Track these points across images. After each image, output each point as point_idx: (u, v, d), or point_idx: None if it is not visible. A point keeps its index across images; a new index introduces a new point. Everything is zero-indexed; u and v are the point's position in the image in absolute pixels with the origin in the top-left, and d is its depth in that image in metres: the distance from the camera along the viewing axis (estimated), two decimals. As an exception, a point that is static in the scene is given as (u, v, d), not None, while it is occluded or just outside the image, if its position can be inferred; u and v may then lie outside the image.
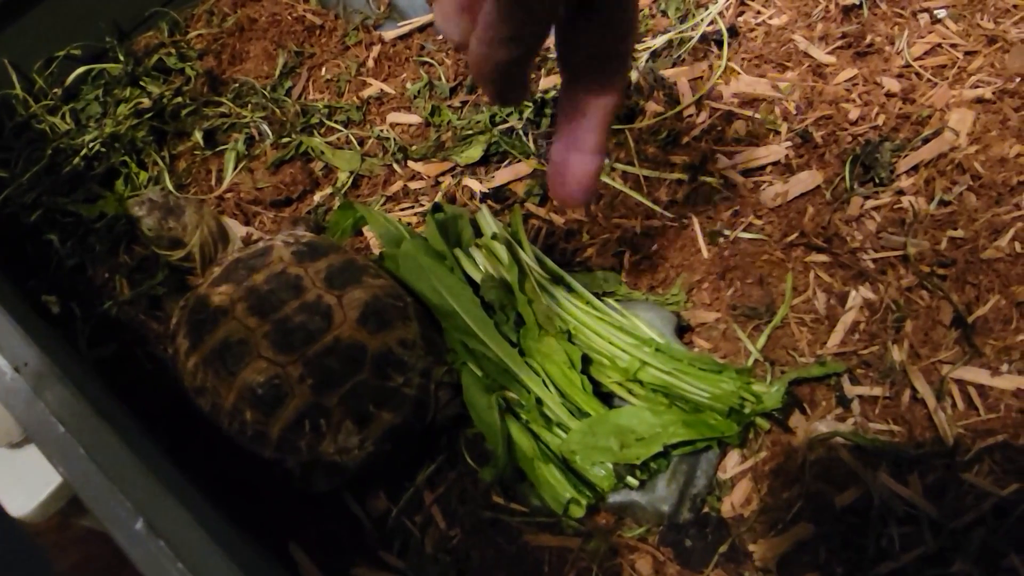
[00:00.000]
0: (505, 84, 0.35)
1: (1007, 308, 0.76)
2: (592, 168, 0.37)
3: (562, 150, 0.37)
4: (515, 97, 0.36)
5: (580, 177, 0.37)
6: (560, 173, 0.37)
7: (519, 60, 0.33)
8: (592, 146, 0.37)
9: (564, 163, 0.37)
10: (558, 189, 0.38)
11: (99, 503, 0.53)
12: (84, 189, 1.03)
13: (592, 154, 0.37)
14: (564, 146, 0.37)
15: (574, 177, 0.37)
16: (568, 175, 0.37)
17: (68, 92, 1.14)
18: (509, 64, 0.33)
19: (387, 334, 0.77)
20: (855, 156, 0.89)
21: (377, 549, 0.75)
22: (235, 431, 0.74)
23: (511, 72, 0.34)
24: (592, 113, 0.36)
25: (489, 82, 0.34)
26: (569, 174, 0.37)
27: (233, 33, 1.22)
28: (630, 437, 0.71)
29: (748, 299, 0.84)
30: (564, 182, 0.37)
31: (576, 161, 0.37)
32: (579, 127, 0.36)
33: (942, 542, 0.66)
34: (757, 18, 1.07)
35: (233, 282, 0.80)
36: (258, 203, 1.03)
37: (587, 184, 0.37)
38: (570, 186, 0.37)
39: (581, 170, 0.37)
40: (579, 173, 0.37)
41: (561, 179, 0.37)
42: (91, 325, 0.91)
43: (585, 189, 0.37)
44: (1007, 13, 0.98)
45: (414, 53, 1.16)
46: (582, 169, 0.37)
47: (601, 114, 0.36)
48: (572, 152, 0.37)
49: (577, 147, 0.37)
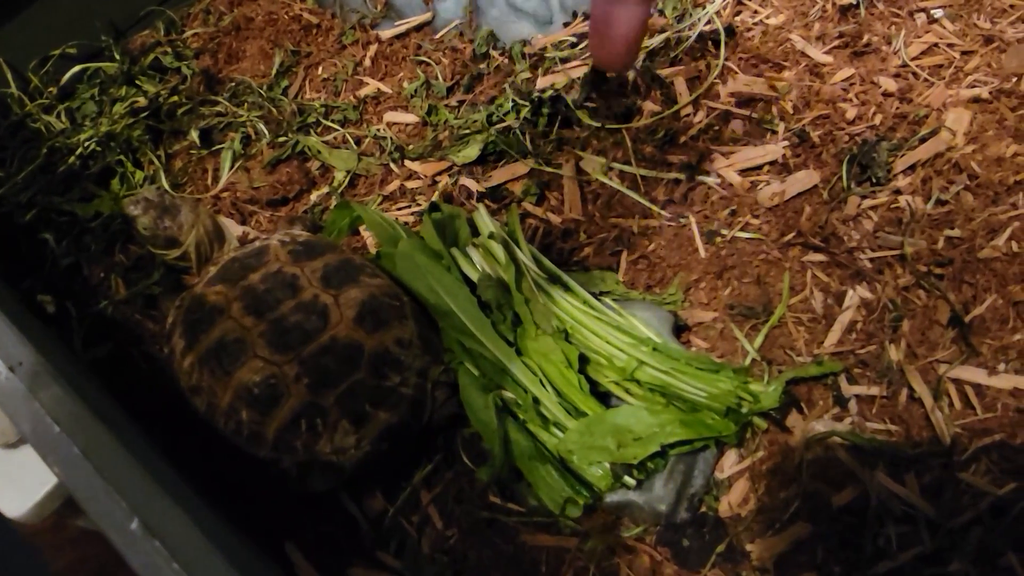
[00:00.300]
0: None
1: (1004, 308, 0.76)
2: (638, 20, 0.34)
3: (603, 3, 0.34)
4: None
5: (625, 32, 0.34)
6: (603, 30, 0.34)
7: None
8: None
9: (607, 17, 0.34)
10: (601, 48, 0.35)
11: (94, 503, 0.53)
12: (79, 188, 1.03)
13: (637, 4, 0.34)
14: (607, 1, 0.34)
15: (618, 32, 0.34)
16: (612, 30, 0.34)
17: (64, 91, 1.13)
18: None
19: (384, 333, 0.77)
20: (852, 156, 0.89)
21: (374, 549, 0.74)
22: (231, 431, 0.74)
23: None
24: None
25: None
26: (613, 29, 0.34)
27: (229, 32, 1.22)
28: (627, 437, 0.71)
29: (745, 298, 0.84)
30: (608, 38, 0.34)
31: (620, 13, 0.34)
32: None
33: (939, 541, 0.66)
34: (754, 17, 1.07)
35: (229, 281, 0.80)
36: (254, 202, 1.03)
37: (633, 39, 0.34)
38: (615, 43, 0.34)
39: (626, 24, 0.34)
40: (624, 27, 0.34)
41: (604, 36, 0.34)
42: (87, 325, 0.91)
43: (630, 46, 0.34)
44: (1004, 13, 0.98)
45: (411, 52, 1.16)
46: (628, 22, 0.34)
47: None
48: (615, 4, 0.34)
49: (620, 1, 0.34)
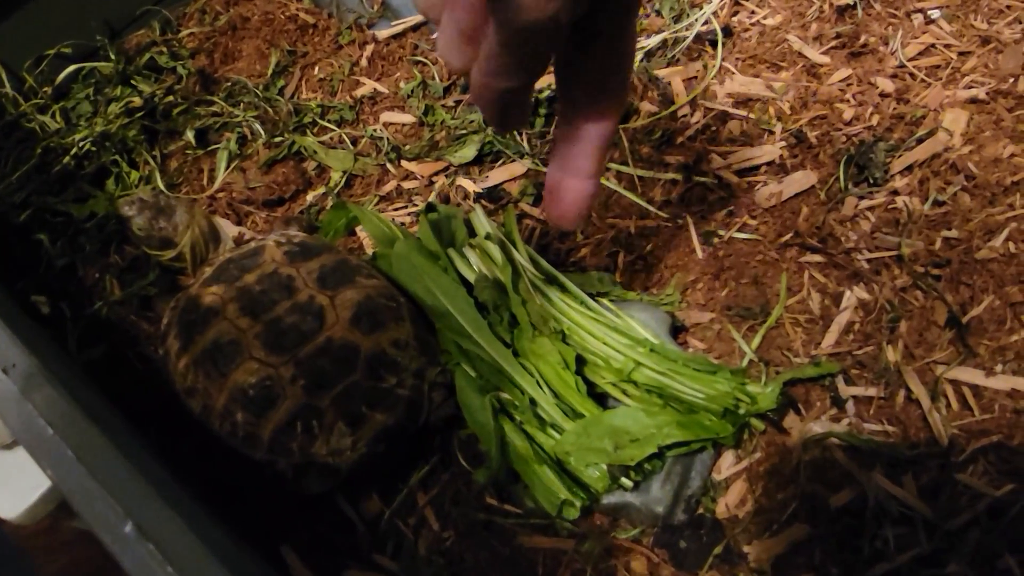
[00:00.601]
0: (506, 110, 0.35)
1: (1001, 308, 0.76)
2: (586, 193, 0.38)
3: (557, 173, 0.38)
4: (515, 122, 0.37)
5: (574, 200, 0.38)
6: (555, 196, 0.38)
7: (520, 89, 0.34)
8: (587, 171, 0.37)
9: (559, 186, 0.38)
10: (552, 211, 0.39)
11: (88, 506, 0.53)
12: (74, 188, 1.02)
13: (586, 179, 0.38)
14: (559, 169, 0.38)
15: (568, 200, 0.38)
16: (562, 198, 0.38)
17: (58, 91, 1.13)
18: (510, 92, 0.34)
19: (380, 335, 0.76)
20: (849, 156, 0.89)
21: (370, 551, 0.74)
22: (226, 432, 0.74)
23: (512, 99, 0.34)
24: (588, 139, 0.37)
25: (490, 108, 0.35)
26: (563, 197, 0.38)
27: (225, 32, 1.21)
28: (624, 438, 0.71)
29: (743, 299, 0.83)
30: (558, 205, 0.38)
31: (570, 185, 0.38)
32: (575, 152, 0.37)
33: (937, 543, 0.66)
34: (751, 18, 1.07)
35: (224, 282, 0.79)
36: (250, 203, 1.02)
37: (581, 207, 0.38)
38: (564, 209, 0.38)
39: (575, 194, 0.38)
40: (573, 197, 0.38)
41: (555, 202, 0.38)
42: (81, 326, 0.91)
43: (578, 212, 0.38)
44: (1001, 14, 0.98)
45: (408, 52, 1.16)
46: (576, 193, 0.38)
47: (597, 141, 0.37)
48: (567, 176, 0.38)
49: (572, 171, 0.38)
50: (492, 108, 0.35)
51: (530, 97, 0.36)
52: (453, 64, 0.34)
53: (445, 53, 0.34)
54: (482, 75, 0.33)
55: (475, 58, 0.33)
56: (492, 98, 0.34)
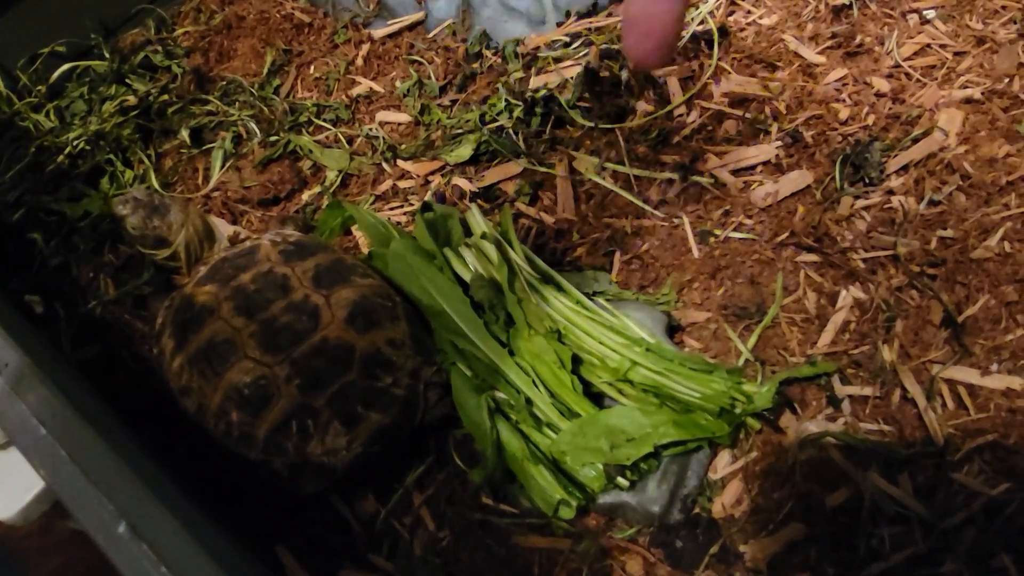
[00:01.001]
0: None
1: (997, 308, 0.76)
2: (674, 16, 0.34)
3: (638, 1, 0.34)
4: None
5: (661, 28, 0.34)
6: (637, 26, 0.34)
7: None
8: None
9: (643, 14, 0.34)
10: (635, 45, 0.34)
11: (81, 506, 0.52)
12: (68, 187, 1.02)
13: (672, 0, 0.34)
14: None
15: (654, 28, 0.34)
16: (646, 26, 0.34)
17: (52, 89, 1.13)
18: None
19: (375, 334, 0.76)
20: (845, 156, 0.89)
21: (365, 551, 0.74)
22: (221, 432, 0.73)
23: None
24: None
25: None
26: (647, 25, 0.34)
27: (221, 31, 1.21)
28: (620, 437, 0.71)
29: (738, 299, 0.83)
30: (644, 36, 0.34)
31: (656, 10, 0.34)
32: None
33: (932, 542, 0.66)
34: (747, 18, 1.07)
35: (219, 281, 0.79)
36: (245, 202, 1.02)
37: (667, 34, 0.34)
38: (650, 40, 0.34)
39: (661, 20, 0.34)
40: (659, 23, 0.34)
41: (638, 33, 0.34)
42: (75, 325, 0.90)
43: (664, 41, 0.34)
44: (996, 14, 0.98)
45: (404, 51, 1.16)
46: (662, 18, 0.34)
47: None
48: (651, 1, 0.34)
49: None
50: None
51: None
52: None
53: None
54: None
55: None
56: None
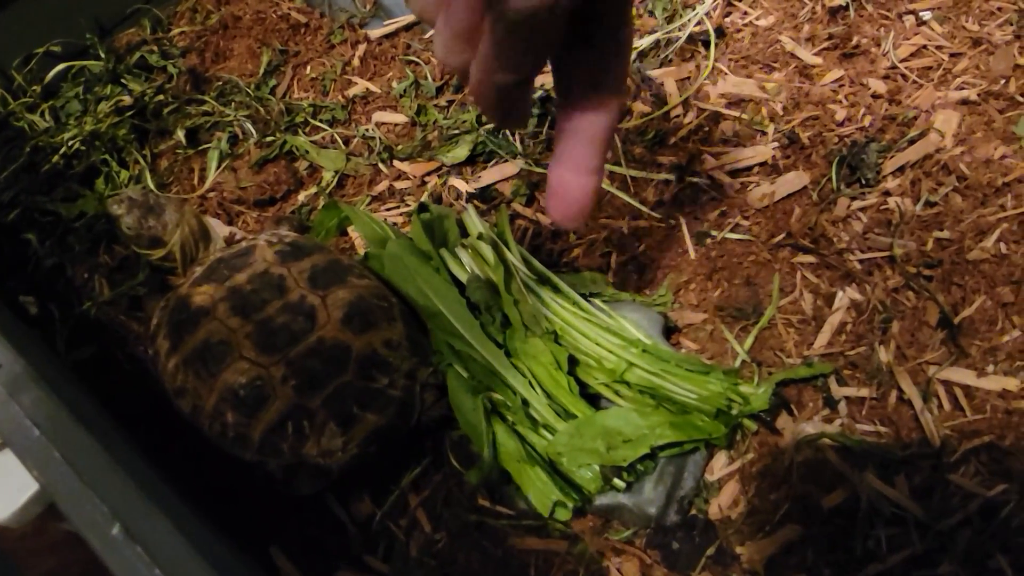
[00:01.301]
0: (507, 107, 0.35)
1: (993, 309, 0.76)
2: (589, 188, 0.37)
3: (559, 171, 0.37)
4: (516, 120, 0.36)
5: (577, 197, 0.37)
6: (557, 194, 0.37)
7: (519, 85, 0.33)
8: (589, 166, 0.36)
9: (561, 184, 0.37)
10: (555, 210, 0.38)
11: (75, 508, 0.52)
12: (63, 188, 1.02)
13: (589, 174, 0.36)
14: (561, 167, 0.37)
15: (571, 198, 0.37)
16: (565, 196, 0.37)
17: (47, 89, 1.12)
18: (510, 87, 0.33)
19: (372, 335, 0.76)
20: (841, 157, 0.89)
21: (361, 553, 0.74)
22: (216, 433, 0.73)
23: (512, 96, 0.34)
24: (589, 133, 0.36)
25: (490, 106, 0.35)
26: (566, 195, 0.37)
27: (217, 31, 1.21)
28: (617, 439, 0.71)
29: (735, 300, 0.83)
30: (561, 203, 0.37)
31: (573, 182, 0.37)
32: (576, 147, 0.36)
33: (929, 543, 0.66)
34: (744, 19, 1.07)
35: (215, 282, 0.79)
36: (241, 202, 1.02)
37: (584, 204, 0.37)
38: (567, 207, 0.37)
39: (578, 191, 0.37)
40: (576, 194, 0.37)
41: (558, 200, 0.37)
42: (70, 326, 0.90)
43: (581, 209, 0.37)
44: (992, 15, 0.99)
45: (400, 52, 1.15)
46: (579, 190, 0.37)
47: (598, 134, 0.36)
48: (569, 173, 0.37)
49: (574, 168, 0.37)
50: (492, 105, 0.34)
51: (531, 92, 0.35)
52: (451, 64, 0.34)
53: (442, 54, 0.34)
54: (481, 72, 0.33)
55: (473, 57, 0.33)
56: (492, 95, 0.34)
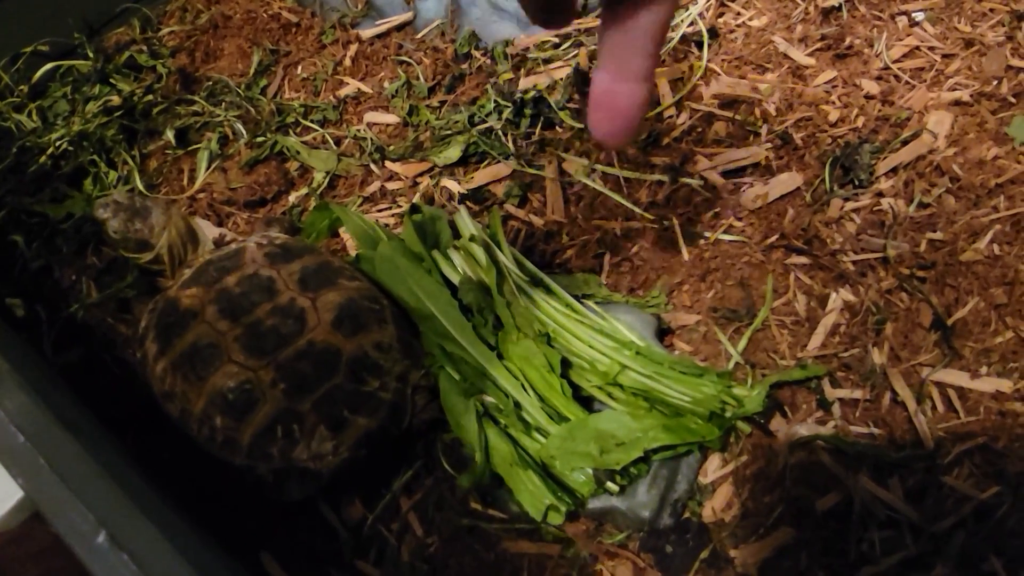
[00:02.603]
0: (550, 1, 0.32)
1: (986, 310, 0.76)
2: (640, 98, 0.33)
3: (605, 80, 0.34)
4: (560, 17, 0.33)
5: (625, 108, 0.34)
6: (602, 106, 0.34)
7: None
8: (639, 72, 0.33)
9: (608, 94, 0.34)
10: (599, 124, 0.34)
11: (60, 515, 0.51)
12: (51, 189, 1.01)
13: (640, 82, 0.33)
14: (608, 75, 0.34)
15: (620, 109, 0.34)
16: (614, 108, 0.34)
17: (35, 89, 1.11)
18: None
19: (362, 337, 0.75)
20: (835, 158, 0.89)
21: (353, 558, 0.73)
22: (205, 437, 0.72)
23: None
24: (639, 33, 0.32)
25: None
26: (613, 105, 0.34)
27: (207, 30, 1.20)
28: (610, 442, 0.70)
29: (729, 301, 0.83)
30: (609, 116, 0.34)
31: (622, 91, 0.33)
32: (623, 50, 0.33)
33: (923, 546, 0.66)
34: (737, 19, 1.07)
35: (204, 284, 0.78)
36: (231, 203, 1.01)
37: (632, 116, 0.34)
38: (616, 120, 0.34)
39: (628, 101, 0.33)
40: (625, 103, 0.33)
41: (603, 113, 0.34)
42: (57, 329, 0.89)
43: (630, 123, 0.34)
44: (984, 16, 0.99)
45: (392, 52, 1.15)
46: (627, 99, 0.33)
47: (649, 34, 0.32)
48: (617, 82, 0.33)
49: (621, 74, 0.33)
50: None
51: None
52: None
53: None
54: None
55: None
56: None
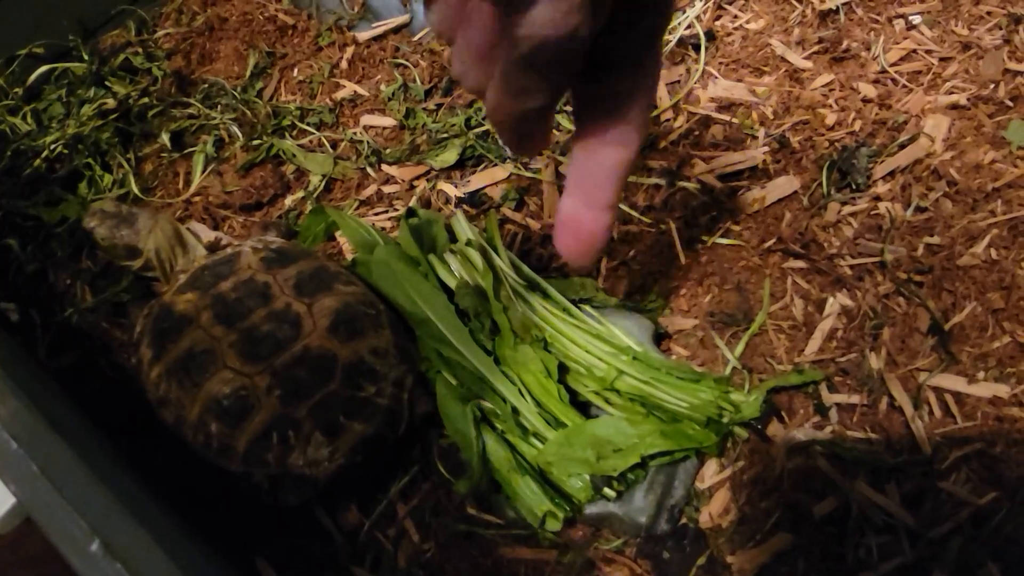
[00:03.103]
0: (524, 133, 0.33)
1: (983, 315, 0.76)
2: (603, 225, 0.35)
3: (572, 205, 0.35)
4: (534, 146, 0.34)
5: (590, 233, 0.35)
6: (569, 228, 0.35)
7: (539, 110, 0.32)
8: (603, 202, 0.35)
9: (575, 219, 0.35)
10: (566, 246, 0.36)
11: (53, 523, 0.51)
12: (46, 192, 1.00)
13: (603, 210, 0.35)
14: (575, 201, 0.35)
15: (584, 233, 0.35)
16: (577, 231, 0.35)
17: (30, 92, 1.10)
18: (528, 113, 0.32)
19: (359, 343, 0.75)
20: (832, 162, 0.88)
21: (349, 564, 0.73)
22: (200, 444, 0.72)
23: (529, 121, 0.32)
24: (606, 166, 0.34)
25: (507, 131, 0.33)
26: (579, 230, 0.35)
27: (203, 32, 1.19)
28: (607, 448, 0.70)
29: (726, 306, 0.83)
30: (575, 239, 0.35)
31: (586, 217, 0.35)
32: (591, 180, 0.35)
33: (920, 551, 0.65)
34: (734, 22, 1.06)
35: (199, 289, 0.78)
36: (227, 207, 1.00)
37: (597, 241, 0.35)
38: (579, 243, 0.35)
39: (591, 226, 0.35)
40: (589, 229, 0.35)
41: (569, 235, 0.36)
42: (51, 333, 0.88)
43: (594, 246, 0.36)
44: (981, 20, 0.99)
45: (388, 55, 1.14)
46: (592, 225, 0.35)
47: (616, 168, 0.34)
48: (583, 208, 0.35)
49: (587, 202, 0.35)
50: (509, 130, 0.33)
51: (551, 120, 0.34)
52: (468, 85, 0.32)
53: (460, 73, 0.32)
54: (498, 96, 0.31)
55: (491, 78, 0.31)
56: (509, 120, 0.32)
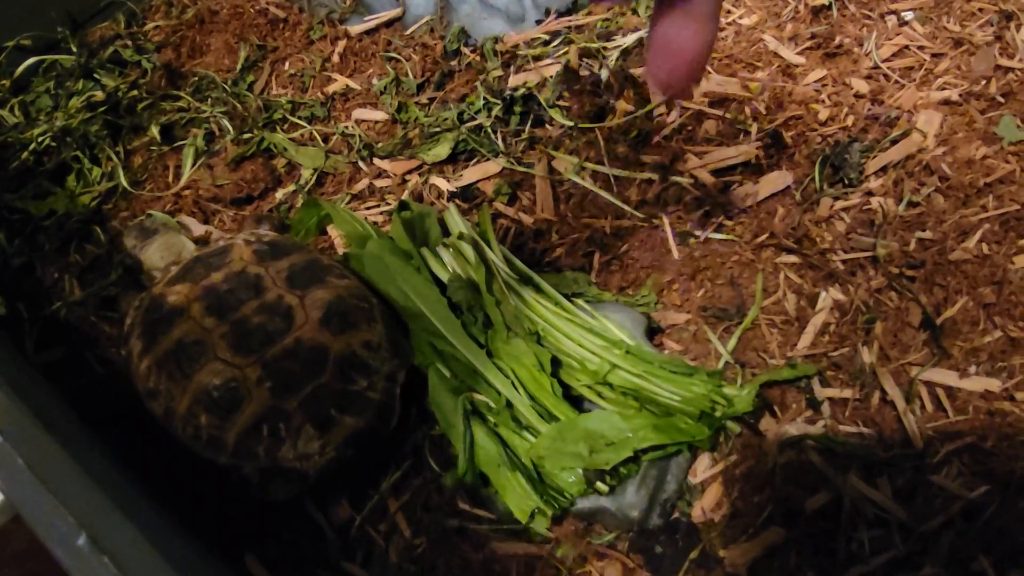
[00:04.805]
0: None
1: (975, 310, 0.76)
2: (704, 40, 0.31)
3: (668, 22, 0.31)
4: None
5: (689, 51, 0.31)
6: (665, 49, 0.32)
7: None
8: (704, 11, 0.31)
9: (673, 36, 0.31)
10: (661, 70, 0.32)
11: (39, 518, 0.50)
12: (33, 185, 0.99)
13: (705, 22, 0.31)
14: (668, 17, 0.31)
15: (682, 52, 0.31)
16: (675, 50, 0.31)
17: (17, 84, 1.09)
18: None
19: (351, 336, 0.74)
20: (824, 157, 0.89)
21: (340, 559, 0.72)
22: (190, 436, 0.71)
23: None
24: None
25: None
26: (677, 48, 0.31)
27: (193, 25, 1.18)
28: (600, 442, 0.70)
29: (719, 300, 0.83)
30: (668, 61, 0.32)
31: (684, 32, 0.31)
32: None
33: (912, 545, 0.66)
34: (727, 17, 1.06)
35: (190, 281, 0.77)
36: (217, 201, 1.00)
37: (697, 61, 0.32)
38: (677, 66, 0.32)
39: (690, 43, 0.31)
40: (687, 46, 0.31)
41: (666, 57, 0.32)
42: (39, 327, 0.88)
43: (694, 67, 0.32)
44: (972, 16, 0.99)
45: (381, 48, 1.14)
46: (691, 41, 0.31)
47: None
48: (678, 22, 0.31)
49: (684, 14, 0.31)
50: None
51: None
52: None
53: None
54: None
55: None
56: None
